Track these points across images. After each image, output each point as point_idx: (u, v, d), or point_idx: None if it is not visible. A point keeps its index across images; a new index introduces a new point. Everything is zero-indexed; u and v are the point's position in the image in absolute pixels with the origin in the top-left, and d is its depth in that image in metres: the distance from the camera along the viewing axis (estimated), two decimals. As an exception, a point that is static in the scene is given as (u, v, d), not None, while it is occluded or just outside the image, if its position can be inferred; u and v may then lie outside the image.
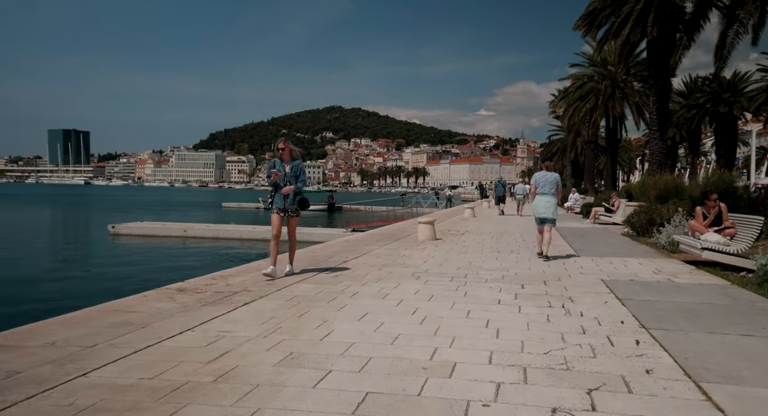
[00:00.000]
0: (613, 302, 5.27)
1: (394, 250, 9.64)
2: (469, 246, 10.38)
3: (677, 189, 15.17)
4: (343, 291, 5.72)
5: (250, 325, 4.25)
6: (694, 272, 7.20)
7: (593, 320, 4.53)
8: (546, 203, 8.66)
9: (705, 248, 7.25)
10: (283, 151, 6.31)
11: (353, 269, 7.35)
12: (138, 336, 3.86)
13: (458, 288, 5.97)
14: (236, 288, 5.80)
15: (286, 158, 6.34)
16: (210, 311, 4.70)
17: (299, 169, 6.41)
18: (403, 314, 4.73)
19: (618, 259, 8.56)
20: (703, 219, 7.95)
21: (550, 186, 8.67)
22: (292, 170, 6.31)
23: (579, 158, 47.91)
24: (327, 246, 10.26)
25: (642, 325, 4.34)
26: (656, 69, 17.88)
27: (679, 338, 3.96)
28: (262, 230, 22.78)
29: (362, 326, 4.28)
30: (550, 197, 8.68)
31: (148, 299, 5.17)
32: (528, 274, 7.02)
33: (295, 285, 6.01)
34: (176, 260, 16.40)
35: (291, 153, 6.36)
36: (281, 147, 6.31)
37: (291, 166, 6.33)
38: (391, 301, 5.26)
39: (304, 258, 8.39)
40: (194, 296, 5.35)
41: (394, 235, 12.72)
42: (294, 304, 5.05)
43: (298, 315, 4.60)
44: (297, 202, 6.45)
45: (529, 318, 4.60)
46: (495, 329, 4.22)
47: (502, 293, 5.72)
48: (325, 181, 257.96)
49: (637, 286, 6.12)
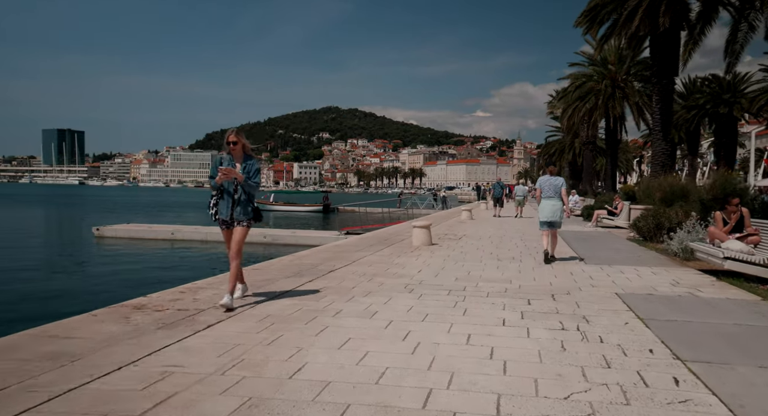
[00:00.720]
0: (635, 323, 4.58)
1: (387, 257, 8.94)
2: (468, 253, 9.69)
3: (683, 191, 14.51)
4: (325, 309, 5.02)
5: (207, 356, 3.54)
6: (717, 284, 6.52)
7: (616, 348, 3.84)
8: (552, 207, 8.69)
9: (727, 257, 6.57)
10: (235, 146, 5.01)
11: (340, 280, 6.64)
12: (64, 374, 3.14)
13: (456, 305, 5.27)
14: (203, 305, 5.09)
15: (237, 155, 5.05)
16: (165, 336, 3.99)
17: (253, 169, 5.06)
18: (392, 339, 4.03)
19: (629, 268, 7.88)
20: (723, 225, 7.28)
21: (555, 190, 8.68)
22: (243, 170, 5.00)
23: (577, 160, 47.36)
24: (315, 253, 9.55)
25: (675, 355, 3.65)
26: (660, 67, 17.24)
27: (725, 375, 3.27)
28: (253, 233, 21.88)
29: (343, 356, 3.58)
30: (556, 201, 8.70)
31: (96, 319, 4.45)
32: (534, 287, 6.32)
33: (271, 302, 5.30)
34: (159, 266, 15.62)
35: (244, 149, 5.07)
36: (232, 141, 5.00)
37: (243, 164, 5.04)
38: (379, 322, 4.56)
39: (288, 267, 7.68)
40: (152, 315, 4.64)
41: (387, 239, 12.02)
42: (265, 326, 4.34)
43: (267, 342, 3.89)
44: (251, 212, 5.07)
45: (541, 344, 3.91)
46: (501, 361, 3.52)
47: (507, 310, 5.03)
48: (322, 182, 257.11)
49: (658, 302, 5.43)
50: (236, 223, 5.02)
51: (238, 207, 5.00)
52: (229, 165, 4.95)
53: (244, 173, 4.96)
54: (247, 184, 4.97)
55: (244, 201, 5.00)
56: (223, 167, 4.85)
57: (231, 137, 5.03)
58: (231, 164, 4.98)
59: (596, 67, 31.12)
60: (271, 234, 21.42)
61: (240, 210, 5.00)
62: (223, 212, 5.00)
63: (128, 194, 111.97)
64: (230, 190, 4.97)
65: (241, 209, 5.00)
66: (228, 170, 4.84)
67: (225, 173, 4.83)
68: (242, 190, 4.95)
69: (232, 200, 5.00)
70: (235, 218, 5.03)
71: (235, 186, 4.96)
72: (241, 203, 4.99)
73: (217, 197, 5.07)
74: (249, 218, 5.08)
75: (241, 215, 5.02)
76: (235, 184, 4.95)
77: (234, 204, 5.01)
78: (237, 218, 5.02)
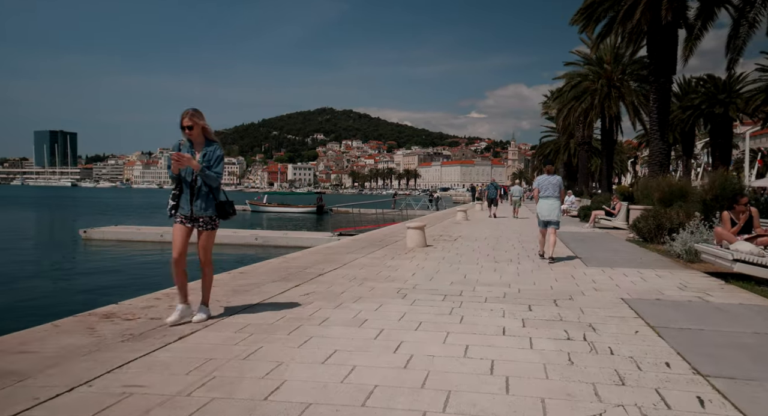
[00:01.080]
0: (646, 331, 4.23)
1: (380, 259, 8.57)
2: (463, 255, 9.33)
3: (681, 191, 14.23)
4: (311, 317, 4.64)
5: (174, 373, 3.16)
6: (726, 287, 6.19)
7: (629, 360, 3.48)
8: (550, 205, 8.75)
9: (737, 259, 6.24)
10: (191, 130, 4.23)
11: (329, 284, 6.27)
12: (5, 398, 2.75)
13: (452, 311, 4.91)
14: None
15: (197, 141, 4.31)
16: (130, 349, 3.60)
17: (214, 156, 4.30)
18: (382, 351, 3.66)
19: (632, 270, 7.54)
20: (731, 226, 6.96)
21: (553, 189, 8.75)
22: (204, 158, 4.27)
23: (572, 160, 47.19)
24: (305, 255, 9.17)
25: (695, 370, 3.30)
26: (657, 66, 16.95)
27: (754, 392, 2.92)
28: (244, 235, 21.66)
29: (327, 372, 3.21)
30: (553, 200, 8.78)
31: (58, 330, 4.06)
32: (534, 291, 5.97)
33: (253, 308, 4.92)
34: (145, 269, 15.16)
35: (204, 133, 4.32)
36: (187, 125, 4.21)
37: (203, 152, 4.30)
38: (368, 331, 4.18)
39: (275, 270, 7.29)
40: (121, 325, 4.25)
41: (381, 241, 11.66)
42: (244, 337, 3.96)
43: (244, 356, 3.51)
44: (215, 207, 4.37)
45: (546, 357, 3.55)
46: (503, 377, 3.16)
47: (507, 318, 4.67)
48: (316, 183, 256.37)
49: (668, 308, 5.09)
50: (200, 223, 4.35)
51: (198, 200, 4.30)
52: (188, 153, 4.28)
53: (204, 162, 4.25)
54: (205, 174, 4.23)
55: (205, 193, 4.31)
56: (175, 153, 4.17)
57: (185, 120, 4.23)
58: (190, 152, 4.29)
59: (592, 67, 30.89)
60: (263, 236, 21.02)
61: (201, 204, 4.30)
62: (184, 207, 4.31)
63: (121, 196, 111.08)
64: (189, 180, 4.28)
65: (202, 202, 4.31)
66: (179, 155, 4.14)
67: (176, 160, 4.13)
68: (202, 181, 4.28)
69: (192, 193, 4.30)
70: (195, 213, 4.32)
71: (194, 176, 4.27)
72: (202, 196, 4.30)
73: (176, 190, 4.36)
74: (211, 214, 4.39)
75: (202, 210, 4.31)
76: (193, 174, 4.25)
77: (193, 197, 4.30)
78: (198, 213, 4.32)
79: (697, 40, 15.08)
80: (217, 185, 4.35)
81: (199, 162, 4.23)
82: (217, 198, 4.38)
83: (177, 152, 4.20)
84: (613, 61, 29.79)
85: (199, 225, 4.37)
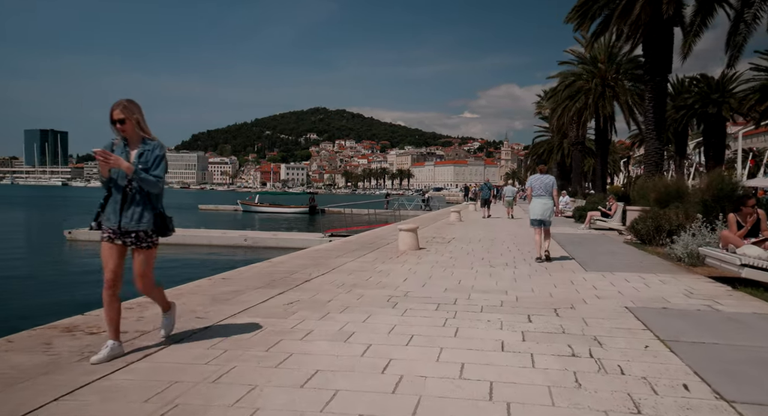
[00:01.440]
0: (656, 346, 3.89)
1: (370, 264, 8.20)
2: (457, 258, 8.98)
3: (679, 192, 13.98)
4: (292, 329, 4.27)
5: (131, 401, 2.78)
6: (735, 294, 5.87)
7: (642, 382, 3.14)
8: (543, 205, 8.70)
9: (745, 264, 5.93)
10: (123, 125, 3.43)
11: (316, 291, 5.89)
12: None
13: (446, 322, 4.55)
14: (149, 325, 4.32)
15: (132, 138, 3.51)
16: (86, 371, 3.21)
17: (152, 157, 3.49)
18: (369, 371, 3.30)
19: (633, 275, 7.22)
20: (737, 229, 6.65)
21: (546, 189, 8.71)
22: (140, 158, 3.46)
23: (566, 160, 47.02)
24: (292, 259, 8.78)
25: (718, 394, 2.95)
26: (653, 64, 16.70)
27: (789, 424, 2.58)
28: (233, 236, 21.23)
29: (306, 399, 2.84)
30: (546, 199, 8.73)
31: (10, 347, 3.66)
32: (532, 299, 5.62)
33: (231, 320, 4.54)
34: (127, 273, 14.65)
35: (139, 128, 3.51)
36: (118, 118, 3.41)
37: (140, 151, 3.49)
38: (354, 346, 3.82)
39: (259, 276, 6.91)
40: (82, 340, 3.86)
41: (372, 243, 11.29)
42: (217, 354, 3.58)
43: (214, 378, 3.13)
44: (152, 220, 3.51)
45: (550, 377, 3.20)
46: (503, 403, 2.81)
47: (505, 330, 4.32)
48: (309, 183, 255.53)
49: (676, 318, 4.76)
50: (131, 238, 3.48)
51: (129, 210, 3.45)
52: (122, 155, 3.45)
53: (140, 163, 3.44)
54: (141, 178, 3.40)
55: (139, 202, 3.47)
56: (99, 150, 3.35)
57: (115, 112, 3.41)
58: (124, 153, 3.48)
59: (586, 66, 30.67)
60: (252, 237, 20.60)
61: (133, 214, 3.44)
62: (110, 218, 3.45)
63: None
64: (122, 185, 3.45)
65: (135, 212, 3.45)
66: (104, 152, 3.33)
67: (103, 159, 3.32)
68: (137, 186, 3.47)
69: (123, 199, 3.46)
70: (124, 226, 3.43)
71: (128, 180, 3.45)
72: (135, 204, 3.46)
73: (105, 197, 3.52)
74: (147, 228, 3.48)
75: (135, 222, 3.44)
76: (127, 177, 3.44)
77: (124, 206, 3.45)
78: (128, 226, 3.44)
79: (696, 36, 14.82)
80: (157, 192, 3.55)
81: (134, 164, 3.43)
82: (156, 208, 3.56)
83: (101, 149, 3.38)
84: (607, 60, 29.59)
85: (133, 242, 3.49)
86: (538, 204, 8.71)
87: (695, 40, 14.78)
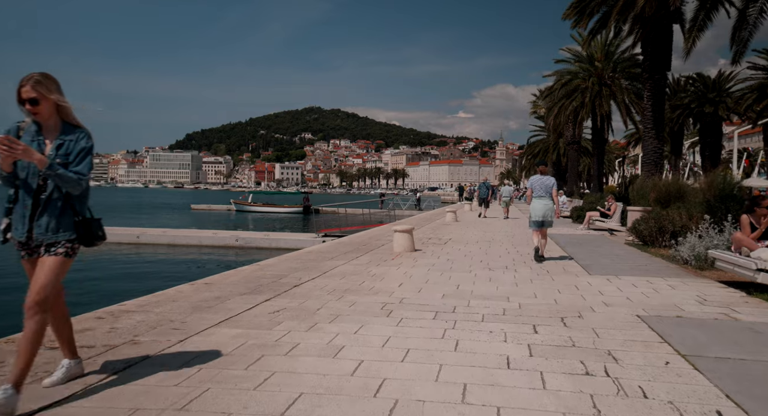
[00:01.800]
0: (677, 362, 3.53)
1: (364, 267, 7.82)
2: (455, 260, 8.61)
3: (679, 192, 13.68)
4: (277, 343, 3.88)
5: (81, 436, 2.38)
6: (751, 301, 5.53)
7: (669, 408, 2.77)
8: (544, 206, 8.61)
9: (761, 269, 5.59)
10: (38, 106, 2.69)
11: (304, 298, 5.51)
12: None
13: (445, 334, 4.17)
14: (121, 338, 3.92)
15: (48, 124, 2.79)
16: (36, 396, 2.81)
17: (77, 149, 2.77)
18: (359, 394, 2.92)
19: (640, 279, 6.87)
20: (750, 231, 6.31)
21: (546, 190, 8.64)
22: (58, 151, 2.74)
23: (561, 160, 46.80)
24: (282, 261, 8.39)
25: (757, 422, 2.59)
26: (652, 62, 16.41)
27: None
28: (224, 236, 20.76)
29: (285, 431, 2.46)
30: (547, 200, 8.66)
31: (-44, 366, 3.26)
32: (536, 306, 5.25)
33: (208, 333, 4.14)
34: (113, 276, 14.20)
35: (60, 114, 2.79)
36: (29, 97, 2.66)
37: (59, 141, 2.77)
38: (344, 363, 3.44)
39: (246, 280, 6.51)
40: (40, 357, 3.44)
41: (366, 245, 10.91)
42: (190, 373, 3.19)
43: (183, 404, 2.75)
44: (74, 226, 2.81)
45: (564, 402, 2.83)
46: (514, 436, 2.43)
47: (509, 343, 3.95)
48: (304, 182, 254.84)
49: (694, 329, 4.40)
50: (42, 248, 2.75)
51: (44, 217, 2.73)
52: (33, 144, 2.71)
53: (58, 157, 2.72)
54: (59, 175, 2.67)
55: (55, 205, 2.75)
56: (1, 137, 2.54)
57: (25, 89, 2.64)
58: (36, 141, 2.74)
59: (582, 64, 30.37)
60: (244, 237, 20.16)
61: (48, 222, 2.74)
62: (18, 227, 2.74)
63: (104, 195, 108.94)
64: (33, 185, 2.73)
65: (51, 219, 2.74)
66: (10, 140, 2.53)
67: (7, 148, 2.52)
68: (54, 186, 2.74)
69: (35, 204, 2.73)
70: (37, 237, 2.72)
71: (41, 178, 2.73)
72: (51, 210, 2.74)
73: (12, 198, 2.76)
74: (66, 238, 2.78)
75: (51, 233, 2.73)
76: (40, 174, 2.71)
77: (37, 212, 2.73)
78: (41, 237, 2.72)
79: (700, 31, 14.49)
80: (79, 194, 2.82)
81: (50, 157, 2.69)
82: (79, 213, 2.84)
83: (3, 135, 2.59)
84: (604, 58, 29.31)
85: (44, 250, 2.76)
86: (538, 205, 8.61)
87: (699, 35, 14.47)
